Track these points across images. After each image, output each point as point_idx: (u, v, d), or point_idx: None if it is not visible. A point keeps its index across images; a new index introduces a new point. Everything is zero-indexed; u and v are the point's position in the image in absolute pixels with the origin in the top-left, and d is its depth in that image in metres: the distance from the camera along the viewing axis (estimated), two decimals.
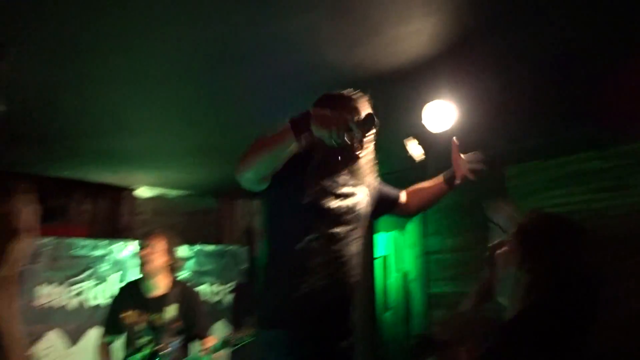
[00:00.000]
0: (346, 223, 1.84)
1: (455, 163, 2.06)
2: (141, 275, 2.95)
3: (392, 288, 5.19)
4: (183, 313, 2.90)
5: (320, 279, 1.75)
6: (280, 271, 1.80)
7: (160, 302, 2.89)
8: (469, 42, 2.16)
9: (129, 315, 2.85)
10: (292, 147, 1.58)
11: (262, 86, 2.64)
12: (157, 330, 2.81)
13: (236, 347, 2.81)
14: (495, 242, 1.31)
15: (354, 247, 1.87)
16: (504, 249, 1.28)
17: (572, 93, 2.80)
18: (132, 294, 2.96)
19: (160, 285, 2.94)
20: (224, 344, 2.86)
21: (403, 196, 2.14)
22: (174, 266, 3.00)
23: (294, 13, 1.91)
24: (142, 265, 2.90)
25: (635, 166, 3.86)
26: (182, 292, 2.96)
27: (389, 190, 2.12)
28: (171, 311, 2.85)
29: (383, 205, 2.08)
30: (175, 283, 3.01)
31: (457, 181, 2.06)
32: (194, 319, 2.94)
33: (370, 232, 4.75)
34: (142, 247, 2.93)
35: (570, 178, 4.19)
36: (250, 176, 1.70)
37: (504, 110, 2.93)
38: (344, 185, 1.86)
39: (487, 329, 1.30)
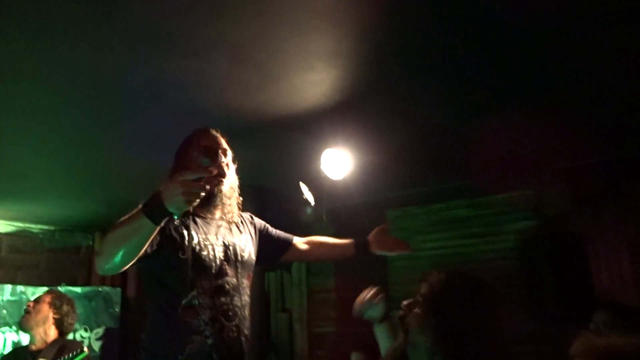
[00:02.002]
0: (229, 274, 1.76)
1: (379, 237, 2.10)
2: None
3: (276, 327, 5.10)
4: None
5: (208, 338, 1.65)
6: (165, 332, 1.66)
7: (34, 355, 2.71)
8: (364, 97, 2.24)
9: None
10: (155, 231, 1.42)
11: (150, 123, 2.50)
12: None
13: None
14: (409, 301, 1.26)
15: (242, 298, 1.78)
16: (415, 311, 1.23)
17: (446, 150, 3.04)
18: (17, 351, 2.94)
19: (38, 339, 2.80)
20: None
21: (298, 240, 2.10)
22: (58, 322, 2.86)
23: (190, 54, 1.84)
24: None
25: (498, 215, 4.25)
26: (61, 348, 2.75)
27: (280, 234, 2.08)
28: None
29: (273, 249, 2.04)
30: (58, 339, 2.83)
31: (374, 251, 2.11)
32: None
33: (262, 271, 4.68)
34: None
35: (444, 224, 4.49)
36: (113, 267, 1.48)
37: (390, 161, 3.08)
38: (220, 235, 1.79)
39: None
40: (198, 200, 1.36)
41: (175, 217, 1.42)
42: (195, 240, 1.70)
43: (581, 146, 2.98)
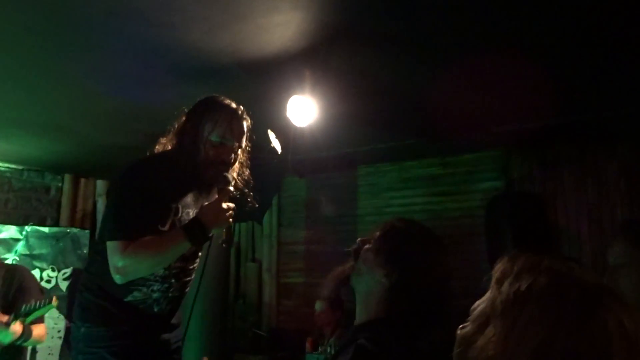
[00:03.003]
0: None
1: None
2: None
3: (245, 277, 5.21)
4: (3, 295, 2.59)
5: (154, 292, 1.78)
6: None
7: None
8: (331, 43, 2.22)
9: None
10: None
11: (114, 59, 2.45)
12: None
13: (31, 315, 2.50)
14: (364, 238, 1.36)
15: (195, 262, 1.93)
16: (368, 246, 1.32)
17: (417, 107, 3.06)
18: None
19: None
20: (19, 314, 2.50)
21: None
22: None
23: None
24: None
25: (467, 174, 4.34)
26: (6, 275, 2.65)
27: None
28: None
29: None
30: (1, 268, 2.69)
31: None
32: (17, 300, 2.60)
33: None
34: None
35: (414, 181, 4.57)
36: (142, 275, 1.72)
37: (359, 113, 3.09)
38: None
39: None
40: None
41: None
42: (178, 216, 1.77)
43: (546, 106, 3.03)
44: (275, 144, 2.86)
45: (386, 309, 1.24)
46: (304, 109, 2.54)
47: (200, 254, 1.97)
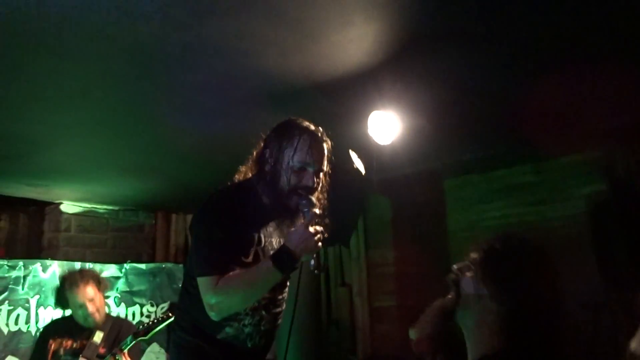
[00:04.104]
0: None
1: None
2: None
3: (336, 302, 5.12)
4: (110, 342, 2.82)
5: (246, 327, 1.75)
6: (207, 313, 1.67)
7: (89, 330, 2.85)
8: (410, 52, 2.12)
9: (55, 342, 2.82)
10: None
11: (191, 96, 2.50)
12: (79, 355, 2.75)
13: (151, 333, 2.72)
14: (461, 264, 1.24)
15: (284, 291, 1.89)
16: (469, 273, 1.21)
17: (505, 111, 2.87)
18: (64, 324, 2.98)
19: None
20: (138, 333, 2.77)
21: None
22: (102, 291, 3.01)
23: (223, 15, 1.79)
24: (86, 317, 2.86)
25: (565, 179, 4.01)
26: (114, 324, 2.94)
27: None
28: (97, 337, 2.73)
29: None
30: (109, 318, 3.02)
31: None
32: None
33: None
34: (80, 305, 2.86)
35: (506, 191, 4.30)
36: (236, 310, 1.69)
37: (444, 124, 2.93)
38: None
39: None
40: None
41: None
42: (261, 245, 1.74)
43: None
44: (358, 164, 2.78)
45: (504, 340, 1.11)
46: (385, 125, 2.44)
47: (288, 283, 1.91)
